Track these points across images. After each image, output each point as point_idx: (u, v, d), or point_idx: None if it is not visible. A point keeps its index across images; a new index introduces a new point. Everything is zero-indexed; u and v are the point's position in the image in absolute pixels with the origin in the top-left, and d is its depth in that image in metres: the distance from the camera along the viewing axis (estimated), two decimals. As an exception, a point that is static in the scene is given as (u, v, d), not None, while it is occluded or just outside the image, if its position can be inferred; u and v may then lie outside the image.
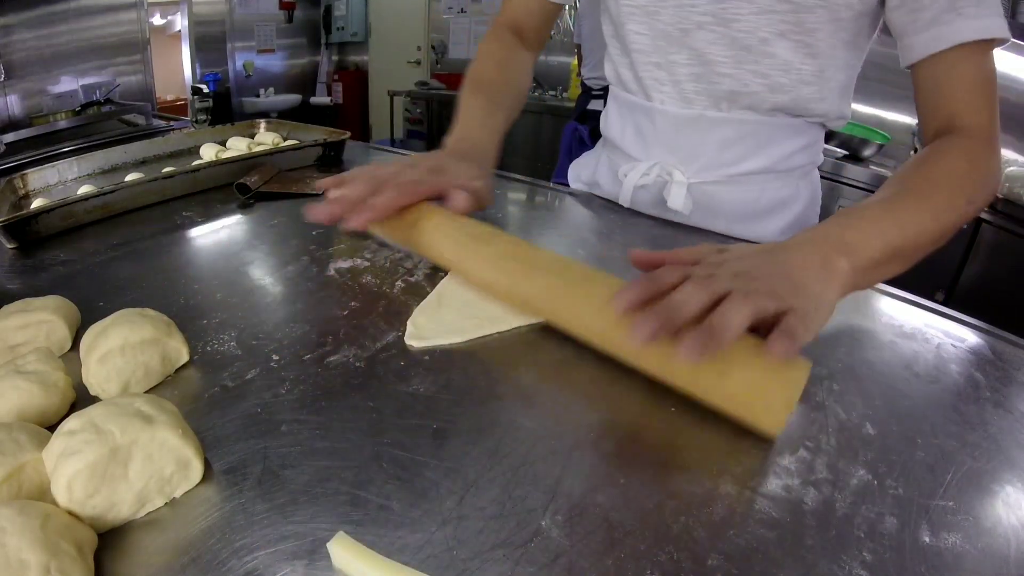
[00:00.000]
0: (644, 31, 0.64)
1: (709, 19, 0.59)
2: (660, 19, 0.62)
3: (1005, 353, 0.45)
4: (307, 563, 0.25)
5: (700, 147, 0.66)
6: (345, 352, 0.40)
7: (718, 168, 0.67)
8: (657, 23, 0.63)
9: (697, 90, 0.64)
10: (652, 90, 0.67)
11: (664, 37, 0.63)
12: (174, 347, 0.37)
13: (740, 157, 0.66)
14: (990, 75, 0.52)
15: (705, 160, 0.67)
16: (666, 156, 0.69)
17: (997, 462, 0.34)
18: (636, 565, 0.26)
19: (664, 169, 0.69)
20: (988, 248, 1.68)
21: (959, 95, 0.52)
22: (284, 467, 0.30)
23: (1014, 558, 0.27)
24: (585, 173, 0.84)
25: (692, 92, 0.64)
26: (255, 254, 0.56)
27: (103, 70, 2.06)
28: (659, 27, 0.63)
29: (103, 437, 0.26)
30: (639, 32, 0.65)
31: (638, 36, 0.65)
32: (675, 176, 0.68)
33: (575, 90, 3.02)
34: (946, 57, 0.51)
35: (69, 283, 0.50)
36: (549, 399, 0.37)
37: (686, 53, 0.62)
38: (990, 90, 0.52)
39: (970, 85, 0.51)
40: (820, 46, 0.58)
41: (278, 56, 4.59)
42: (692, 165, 0.67)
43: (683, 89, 0.65)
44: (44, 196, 0.73)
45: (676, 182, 0.68)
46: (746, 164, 0.66)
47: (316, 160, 0.86)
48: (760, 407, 0.34)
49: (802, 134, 0.65)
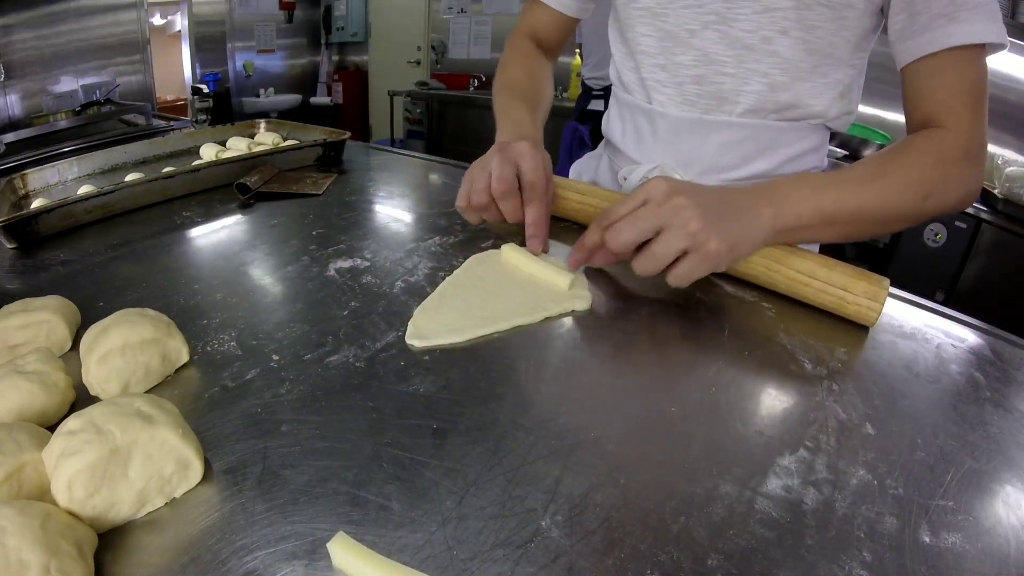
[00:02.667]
0: (651, 32, 0.65)
1: (714, 18, 0.59)
2: (668, 20, 0.63)
3: (1005, 353, 0.45)
4: (307, 563, 0.25)
5: (699, 151, 0.66)
6: (345, 352, 0.40)
7: (718, 172, 0.67)
8: (665, 24, 0.63)
9: (698, 92, 0.64)
10: (653, 92, 0.67)
11: (671, 38, 0.63)
12: (174, 347, 0.37)
13: (740, 161, 0.66)
14: (978, 81, 0.51)
15: (705, 164, 0.67)
16: (666, 159, 0.69)
17: (997, 462, 0.34)
18: (636, 565, 0.26)
19: (664, 172, 0.68)
20: (988, 248, 1.68)
21: (941, 96, 0.52)
22: (284, 467, 0.30)
23: (1014, 558, 0.27)
24: (587, 174, 0.84)
25: (693, 94, 0.64)
26: (255, 254, 0.56)
27: (103, 70, 2.06)
28: (666, 28, 0.63)
29: (103, 437, 0.26)
30: (646, 34, 0.65)
31: (645, 38, 0.65)
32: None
33: (575, 90, 3.02)
34: (934, 60, 0.51)
35: (69, 283, 0.50)
36: (549, 399, 0.37)
37: (692, 54, 0.62)
38: (976, 96, 0.51)
39: (954, 89, 0.51)
40: (819, 43, 0.58)
41: (278, 56, 4.58)
42: (692, 169, 0.67)
43: (684, 91, 0.65)
44: (44, 196, 0.73)
45: None
46: (746, 168, 0.66)
47: (316, 160, 0.86)
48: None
49: (803, 138, 0.65)
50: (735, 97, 0.62)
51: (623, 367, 0.39)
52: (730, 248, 0.44)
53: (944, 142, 0.51)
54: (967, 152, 0.51)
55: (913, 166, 0.50)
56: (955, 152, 0.50)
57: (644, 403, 0.37)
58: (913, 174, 0.49)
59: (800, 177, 0.50)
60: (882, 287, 0.45)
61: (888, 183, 0.49)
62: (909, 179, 0.49)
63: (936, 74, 0.52)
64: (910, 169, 0.50)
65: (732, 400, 0.37)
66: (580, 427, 0.34)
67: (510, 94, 0.70)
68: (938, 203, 0.50)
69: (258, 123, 1.00)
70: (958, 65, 0.51)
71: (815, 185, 0.48)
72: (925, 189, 0.49)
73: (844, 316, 0.46)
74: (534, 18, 0.79)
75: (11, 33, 1.78)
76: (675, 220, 0.43)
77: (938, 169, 0.50)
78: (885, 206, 0.49)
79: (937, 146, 0.51)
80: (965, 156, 0.51)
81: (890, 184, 0.49)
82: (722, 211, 0.45)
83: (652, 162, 0.70)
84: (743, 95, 0.62)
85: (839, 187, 0.48)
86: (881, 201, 0.49)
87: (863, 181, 0.49)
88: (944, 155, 0.50)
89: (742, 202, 0.47)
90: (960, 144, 0.51)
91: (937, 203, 0.50)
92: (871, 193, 0.48)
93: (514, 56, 0.76)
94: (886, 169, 0.50)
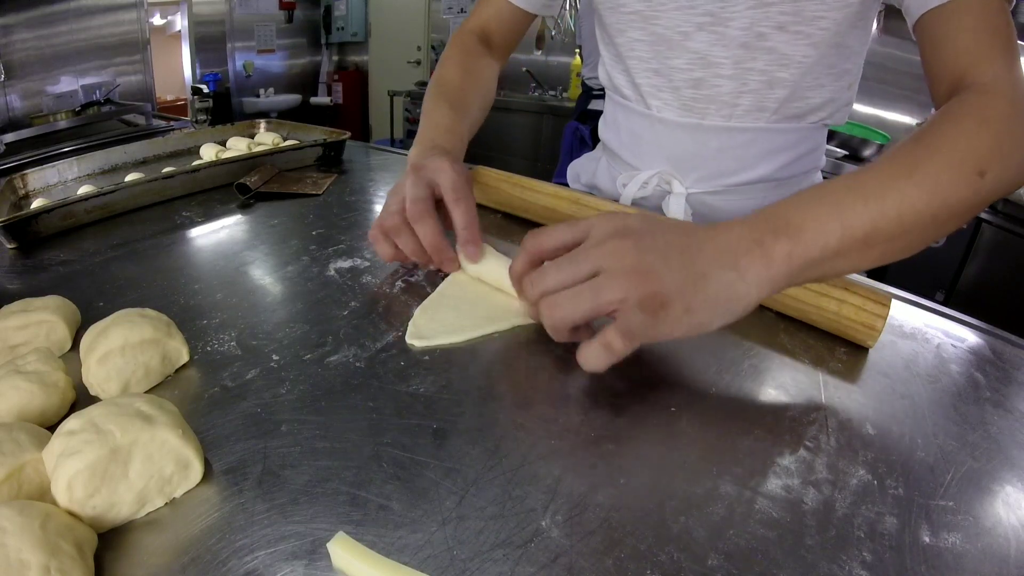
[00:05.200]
0: (642, 37, 0.62)
1: (709, 19, 0.57)
2: (659, 23, 0.60)
3: (1005, 353, 0.45)
4: (307, 563, 0.25)
5: (698, 157, 0.65)
6: (345, 352, 0.40)
7: (717, 178, 0.66)
8: (656, 27, 0.61)
9: (696, 96, 0.62)
10: (650, 97, 0.66)
11: (663, 42, 0.61)
12: (174, 347, 0.37)
13: (739, 167, 0.65)
14: (1007, 23, 0.43)
15: (704, 171, 0.66)
16: (663, 164, 0.67)
17: (997, 462, 0.34)
18: (636, 565, 0.26)
19: (663, 179, 0.67)
20: (988, 248, 1.68)
21: (966, 45, 0.43)
22: (284, 467, 0.30)
23: (1014, 558, 0.27)
24: (585, 175, 0.83)
25: (690, 99, 0.63)
26: (255, 254, 0.56)
27: (103, 70, 2.06)
28: (658, 31, 0.61)
29: (103, 437, 0.26)
30: (638, 39, 0.63)
31: (637, 43, 0.63)
32: (674, 187, 0.67)
33: (575, 90, 3.02)
34: (948, 7, 0.44)
35: (69, 283, 0.50)
36: (549, 399, 0.37)
37: (686, 57, 0.61)
38: (1007, 38, 0.43)
39: (980, 30, 0.43)
40: (822, 35, 0.55)
41: (278, 56, 4.58)
42: (690, 175, 0.66)
43: (682, 96, 0.63)
44: (44, 196, 0.73)
45: (675, 193, 0.67)
46: (745, 174, 0.65)
47: (316, 160, 0.86)
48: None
49: (803, 141, 0.64)
50: (735, 100, 0.61)
51: (623, 367, 0.38)
52: (686, 312, 0.34)
53: (984, 98, 0.41)
54: (1014, 102, 0.40)
55: (957, 137, 0.38)
56: (1002, 106, 0.40)
57: (644, 403, 0.37)
58: (960, 147, 0.38)
59: (811, 193, 0.37)
60: (880, 315, 0.42)
61: (931, 168, 0.37)
62: (956, 155, 0.38)
63: (956, 20, 0.44)
64: (954, 142, 0.38)
65: (732, 400, 0.37)
66: (580, 427, 0.34)
67: (436, 96, 0.63)
68: (997, 177, 0.38)
69: (258, 123, 1.00)
70: (977, 9, 0.43)
71: (834, 198, 0.36)
72: (979, 162, 0.37)
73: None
74: (486, 13, 0.73)
75: (11, 33, 1.78)
76: (610, 264, 0.34)
77: (986, 132, 0.39)
78: (934, 199, 0.36)
79: (976, 106, 0.40)
80: (1013, 109, 0.40)
81: (934, 168, 0.37)
82: (684, 261, 0.34)
83: (649, 167, 0.69)
84: (743, 96, 0.61)
85: (868, 192, 0.36)
86: (928, 194, 0.36)
87: (898, 175, 0.37)
88: (988, 113, 0.39)
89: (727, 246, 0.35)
90: (1004, 94, 0.41)
91: (996, 178, 0.38)
92: (913, 187, 0.36)
93: (453, 53, 0.70)
94: (923, 152, 0.38)
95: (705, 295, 0.34)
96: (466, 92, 0.66)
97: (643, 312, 0.33)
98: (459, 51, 0.70)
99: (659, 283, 0.33)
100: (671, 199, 0.67)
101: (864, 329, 0.43)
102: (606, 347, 0.34)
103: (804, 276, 0.36)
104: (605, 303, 0.34)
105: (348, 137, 0.89)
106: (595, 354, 0.35)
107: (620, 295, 0.33)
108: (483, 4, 0.74)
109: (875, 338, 0.43)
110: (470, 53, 0.70)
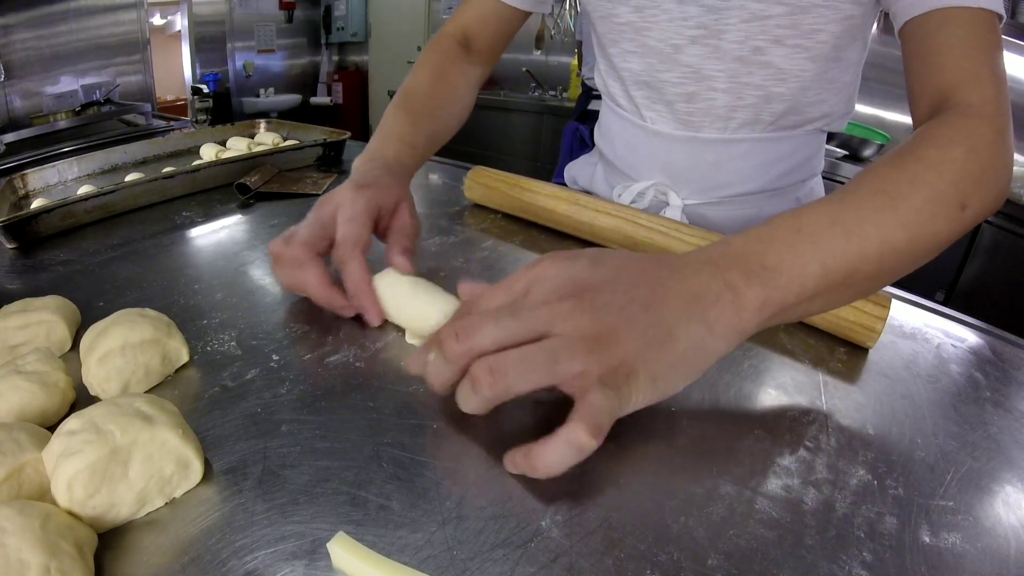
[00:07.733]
0: (634, 48, 0.61)
1: (702, 32, 0.55)
2: (651, 35, 0.59)
3: (1005, 353, 0.45)
4: (307, 563, 0.25)
5: (694, 169, 0.64)
6: (345, 352, 0.40)
7: (713, 190, 0.65)
8: (647, 40, 0.59)
9: (690, 110, 0.61)
10: (644, 108, 0.65)
11: (655, 55, 0.60)
12: (174, 347, 0.37)
13: (736, 179, 0.64)
14: (995, 44, 0.42)
15: (700, 183, 0.65)
16: (659, 176, 0.67)
17: (997, 462, 0.34)
18: (636, 565, 0.26)
19: (659, 191, 0.67)
20: (988, 248, 1.68)
21: (955, 61, 0.42)
22: (284, 467, 0.30)
23: (1014, 558, 0.27)
24: (582, 179, 0.82)
25: (685, 112, 0.61)
26: (255, 254, 0.56)
27: (103, 70, 2.06)
28: (649, 44, 0.59)
29: (103, 437, 0.26)
30: (630, 51, 0.62)
31: (629, 54, 0.62)
32: (670, 199, 0.66)
33: (575, 90, 3.02)
34: (941, 15, 0.42)
35: (69, 283, 0.50)
36: (549, 399, 0.37)
37: (678, 71, 0.59)
38: (993, 57, 0.42)
39: (968, 48, 0.42)
40: (821, 48, 0.54)
41: (278, 56, 4.58)
42: (686, 187, 0.66)
43: (676, 110, 0.62)
44: (44, 196, 0.73)
45: (672, 206, 0.66)
46: (743, 186, 0.64)
47: (316, 160, 0.86)
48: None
49: (800, 148, 0.63)
50: (729, 113, 0.60)
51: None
52: (652, 380, 0.30)
53: (971, 123, 0.39)
54: (1000, 131, 0.39)
55: (943, 166, 0.36)
56: (988, 134, 0.38)
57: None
58: (946, 177, 0.36)
59: (788, 223, 0.34)
60: (880, 316, 0.42)
61: (916, 200, 0.35)
62: (941, 186, 0.35)
63: (944, 28, 0.42)
64: (940, 172, 0.36)
65: (732, 400, 0.37)
66: (580, 427, 0.34)
67: (396, 104, 0.59)
68: (976, 212, 0.37)
69: (258, 123, 1.00)
70: (968, 25, 0.42)
71: (810, 232, 0.33)
72: (963, 196, 0.36)
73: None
74: (467, 16, 0.68)
75: (11, 33, 1.78)
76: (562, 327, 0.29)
77: (972, 161, 0.37)
78: (916, 236, 0.34)
79: (963, 132, 0.38)
80: (999, 136, 0.39)
81: (919, 200, 0.35)
82: (649, 318, 0.29)
83: (644, 178, 0.68)
84: (738, 111, 0.59)
85: (847, 226, 0.33)
86: (911, 231, 0.34)
87: (881, 207, 0.34)
88: (975, 141, 0.38)
89: (696, 292, 0.31)
90: (990, 119, 0.39)
91: (975, 212, 0.37)
92: (896, 223, 0.34)
93: (427, 59, 0.65)
94: (907, 181, 0.35)
95: (672, 357, 0.30)
96: (434, 100, 0.61)
97: (607, 387, 0.28)
98: (434, 56, 0.66)
99: (622, 350, 0.29)
100: (667, 212, 0.66)
101: (863, 330, 0.43)
102: (574, 446, 0.27)
103: (775, 321, 0.33)
104: (563, 375, 0.28)
105: (348, 137, 0.89)
106: (559, 455, 0.28)
107: (579, 367, 0.28)
108: (465, 5, 0.69)
109: (875, 339, 0.43)
110: (446, 58, 0.66)
